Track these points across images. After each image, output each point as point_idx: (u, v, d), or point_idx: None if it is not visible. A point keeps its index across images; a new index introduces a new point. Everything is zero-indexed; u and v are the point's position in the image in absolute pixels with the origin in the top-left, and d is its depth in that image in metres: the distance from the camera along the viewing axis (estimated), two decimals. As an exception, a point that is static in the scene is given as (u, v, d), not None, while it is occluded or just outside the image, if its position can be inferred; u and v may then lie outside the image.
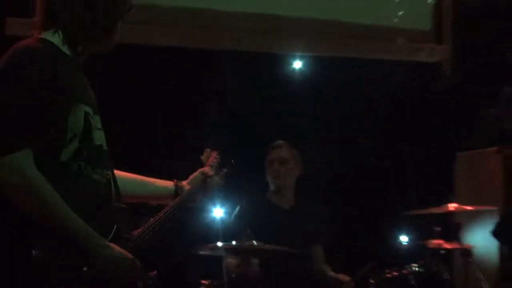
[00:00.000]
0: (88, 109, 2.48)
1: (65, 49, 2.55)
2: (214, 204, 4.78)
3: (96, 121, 2.55)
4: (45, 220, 2.28)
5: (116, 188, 2.68)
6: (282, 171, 4.92)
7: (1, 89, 2.36)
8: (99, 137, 2.57)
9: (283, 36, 5.63)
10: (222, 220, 4.85)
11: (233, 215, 4.58)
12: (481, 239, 5.07)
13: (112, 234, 2.42)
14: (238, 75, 5.43)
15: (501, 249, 3.43)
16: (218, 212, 4.91)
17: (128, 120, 5.09)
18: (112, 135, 2.75)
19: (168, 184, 3.00)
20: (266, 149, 4.99)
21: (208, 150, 3.12)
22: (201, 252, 4.33)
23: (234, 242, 4.22)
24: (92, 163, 2.49)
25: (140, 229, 2.65)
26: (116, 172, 2.85)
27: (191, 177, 3.01)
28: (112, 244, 2.37)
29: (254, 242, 4.21)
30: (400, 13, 5.81)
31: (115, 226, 2.45)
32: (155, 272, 2.95)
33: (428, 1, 5.90)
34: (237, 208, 4.53)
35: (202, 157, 3.11)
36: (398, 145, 5.55)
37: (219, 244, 4.20)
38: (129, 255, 2.41)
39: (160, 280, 3.47)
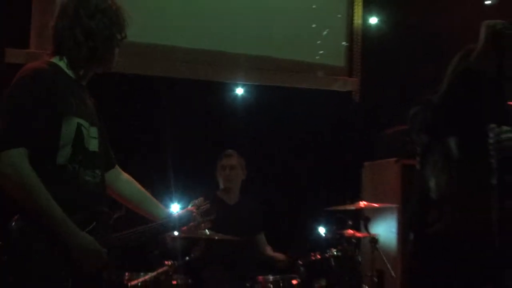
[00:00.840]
0: (82, 121, 2.47)
1: (69, 72, 2.54)
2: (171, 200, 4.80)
3: (92, 132, 2.54)
4: (30, 206, 2.28)
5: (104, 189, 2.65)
6: (231, 175, 4.94)
7: (6, 98, 2.38)
8: (93, 145, 2.53)
9: (228, 68, 5.66)
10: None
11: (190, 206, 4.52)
12: (383, 230, 5.17)
13: (89, 228, 2.39)
14: (190, 99, 5.43)
15: (407, 236, 3.48)
16: (175, 208, 4.88)
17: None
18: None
19: (162, 210, 2.93)
20: (219, 156, 4.98)
21: (201, 198, 3.01)
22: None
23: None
24: (85, 166, 2.46)
25: (120, 233, 2.61)
26: (133, 181, 2.90)
27: (183, 211, 2.94)
28: (85, 235, 2.35)
29: (207, 231, 4.27)
30: (321, 52, 5.89)
31: (94, 223, 2.42)
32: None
33: (342, 43, 5.99)
34: (192, 203, 4.53)
35: (195, 201, 3.00)
36: (320, 156, 5.59)
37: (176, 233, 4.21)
38: (99, 247, 2.38)
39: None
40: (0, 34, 5.00)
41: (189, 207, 2.95)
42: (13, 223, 2.31)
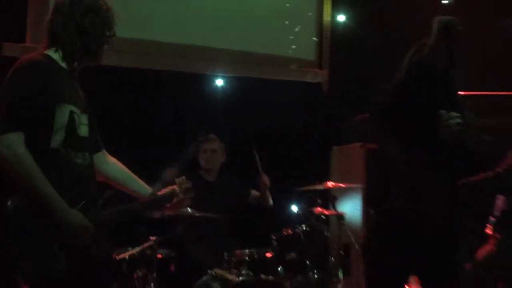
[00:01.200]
0: (74, 108, 2.49)
1: (63, 64, 2.56)
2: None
3: (83, 119, 2.57)
4: (25, 186, 2.30)
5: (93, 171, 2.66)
6: (212, 158, 4.98)
7: (5, 87, 2.42)
8: (84, 131, 2.56)
9: (210, 61, 5.67)
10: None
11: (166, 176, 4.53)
12: (349, 208, 5.22)
13: (79, 206, 2.40)
14: (177, 89, 5.44)
15: (368, 212, 3.51)
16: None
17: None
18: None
19: (147, 189, 2.90)
20: (202, 139, 4.98)
21: (183, 177, 2.96)
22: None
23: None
24: (77, 149, 2.49)
25: (108, 211, 2.62)
26: (118, 163, 2.90)
27: (166, 189, 2.90)
28: (76, 212, 2.37)
29: (188, 209, 4.28)
30: (293, 46, 5.91)
31: (84, 201, 2.43)
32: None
33: (313, 39, 6.00)
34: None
35: (177, 180, 2.94)
36: (293, 141, 5.61)
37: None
38: (87, 223, 2.40)
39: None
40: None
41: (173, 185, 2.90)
42: (10, 202, 2.33)
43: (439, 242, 2.83)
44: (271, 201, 4.91)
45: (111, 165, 2.88)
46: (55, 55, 2.57)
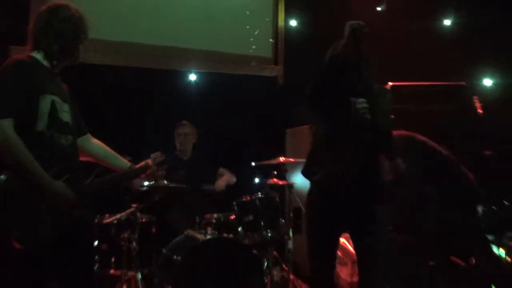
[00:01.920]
0: (55, 98, 2.56)
1: (45, 63, 2.63)
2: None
3: (65, 107, 2.63)
4: (14, 163, 2.35)
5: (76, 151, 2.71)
6: (185, 140, 5.01)
7: None
8: (66, 117, 2.63)
9: (183, 59, 5.68)
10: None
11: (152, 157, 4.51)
12: (298, 179, 5.23)
13: (64, 178, 2.47)
14: (154, 84, 5.46)
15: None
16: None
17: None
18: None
19: (126, 163, 2.94)
20: (176, 125, 5.02)
21: (158, 152, 2.99)
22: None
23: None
24: (60, 132, 2.56)
25: (90, 181, 2.69)
26: (100, 143, 2.96)
27: (140, 164, 2.94)
28: (58, 183, 2.44)
29: (165, 182, 4.29)
30: (253, 46, 5.92)
31: (67, 175, 2.49)
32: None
33: (270, 40, 6.02)
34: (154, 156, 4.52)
35: (152, 155, 2.97)
36: (254, 125, 5.64)
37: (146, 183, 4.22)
38: (68, 191, 2.47)
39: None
40: (5, 33, 4.92)
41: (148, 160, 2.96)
42: (2, 175, 2.38)
43: (359, 204, 2.84)
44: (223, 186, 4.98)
45: (95, 145, 2.92)
46: (38, 56, 2.63)
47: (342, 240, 4.67)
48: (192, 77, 5.73)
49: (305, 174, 3.14)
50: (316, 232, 3.11)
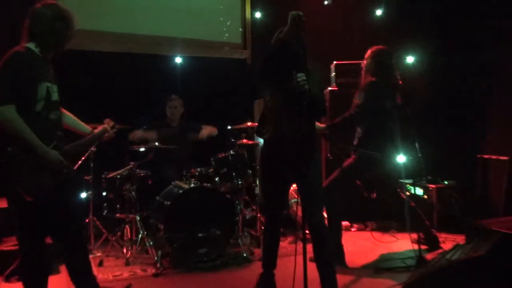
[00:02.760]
0: (49, 84, 2.61)
1: (38, 52, 2.63)
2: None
3: (54, 88, 2.67)
4: (18, 138, 2.46)
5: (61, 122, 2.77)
6: (174, 112, 5.02)
7: None
8: (55, 96, 2.67)
9: (170, 45, 5.61)
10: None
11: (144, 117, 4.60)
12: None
13: (52, 145, 2.57)
14: (147, 65, 5.40)
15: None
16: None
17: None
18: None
19: (88, 128, 3.02)
20: (167, 98, 5.02)
21: (108, 119, 3.05)
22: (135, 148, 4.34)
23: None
24: (51, 110, 2.63)
25: (69, 146, 2.76)
26: (68, 112, 2.98)
27: (99, 127, 2.99)
28: (52, 151, 2.54)
29: (156, 144, 4.35)
30: (226, 35, 5.88)
31: (55, 142, 2.60)
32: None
33: (239, 29, 5.97)
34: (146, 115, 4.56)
35: (105, 120, 3.03)
36: (227, 97, 5.60)
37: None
38: (60, 157, 2.58)
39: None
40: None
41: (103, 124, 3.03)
42: (9, 148, 2.50)
43: (298, 154, 2.86)
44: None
45: (66, 115, 2.94)
46: (32, 47, 2.62)
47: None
48: (178, 60, 5.68)
49: (257, 133, 3.18)
50: (267, 179, 3.19)
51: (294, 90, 2.70)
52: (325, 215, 3.73)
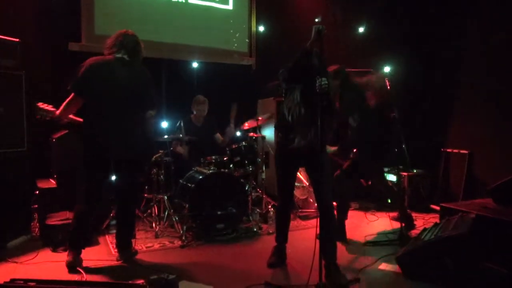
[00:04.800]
0: None
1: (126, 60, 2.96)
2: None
3: None
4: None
5: None
6: (201, 112, 4.75)
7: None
8: None
9: (186, 52, 5.42)
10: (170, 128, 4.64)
11: (177, 125, 4.33)
12: (268, 132, 5.20)
13: None
14: (172, 68, 5.21)
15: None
16: (164, 124, 4.73)
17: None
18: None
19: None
20: (195, 99, 4.76)
21: (37, 104, 3.02)
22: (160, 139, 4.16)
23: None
24: None
25: None
26: None
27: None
28: None
29: (180, 135, 4.20)
30: (235, 45, 5.73)
31: None
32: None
33: (246, 40, 5.82)
34: (179, 122, 4.35)
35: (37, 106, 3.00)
36: (236, 97, 5.36)
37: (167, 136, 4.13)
38: None
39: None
40: (65, 31, 4.62)
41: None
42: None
43: (312, 148, 2.78)
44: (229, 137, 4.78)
45: None
46: (121, 56, 2.95)
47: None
48: (195, 64, 5.49)
49: (277, 127, 3.10)
50: (283, 168, 3.11)
51: (319, 91, 2.60)
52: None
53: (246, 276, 2.88)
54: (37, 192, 3.87)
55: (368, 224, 4.37)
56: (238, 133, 5.11)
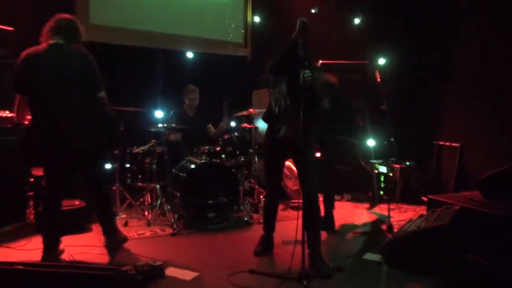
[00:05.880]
0: None
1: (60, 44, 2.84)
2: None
3: None
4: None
5: None
6: (193, 102, 4.77)
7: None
8: None
9: (184, 42, 5.44)
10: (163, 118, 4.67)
11: (170, 115, 4.36)
12: (261, 123, 5.18)
13: None
14: (165, 59, 5.23)
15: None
16: (159, 114, 4.76)
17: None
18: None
19: None
20: (186, 88, 4.79)
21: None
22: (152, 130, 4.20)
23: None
24: None
25: None
26: None
27: None
28: None
29: (173, 125, 4.22)
30: (231, 35, 5.75)
31: None
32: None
33: (242, 31, 5.83)
34: (171, 112, 4.37)
35: None
36: (230, 88, 5.45)
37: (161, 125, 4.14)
38: None
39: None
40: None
41: None
42: None
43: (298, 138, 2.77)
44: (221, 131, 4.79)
45: None
46: (55, 42, 2.82)
47: (289, 163, 4.70)
48: (189, 55, 5.52)
49: (264, 119, 3.12)
50: (270, 159, 3.14)
51: (301, 83, 2.62)
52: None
53: (232, 264, 2.93)
54: (32, 179, 3.92)
55: (358, 215, 4.42)
56: (233, 124, 5.12)
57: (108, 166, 4.22)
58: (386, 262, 2.96)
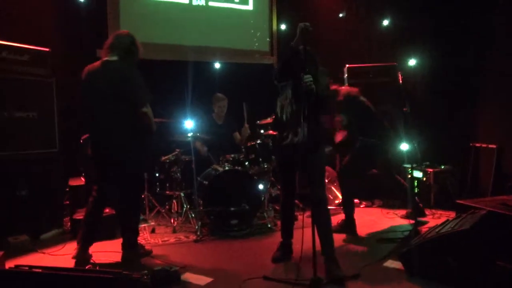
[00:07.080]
0: None
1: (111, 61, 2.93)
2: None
3: None
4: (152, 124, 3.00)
5: None
6: (223, 110, 4.86)
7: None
8: None
9: (212, 54, 5.57)
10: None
11: (198, 123, 4.48)
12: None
13: None
14: (196, 70, 5.32)
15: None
16: (189, 124, 4.86)
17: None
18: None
19: None
20: (214, 97, 4.88)
21: None
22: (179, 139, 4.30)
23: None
24: None
25: None
26: None
27: None
28: None
29: (205, 136, 4.32)
30: (256, 44, 5.82)
31: None
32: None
33: (267, 39, 5.88)
34: (200, 121, 4.46)
35: None
36: (258, 93, 5.38)
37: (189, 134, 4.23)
38: None
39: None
40: (92, 38, 4.86)
41: None
42: None
43: (308, 146, 2.77)
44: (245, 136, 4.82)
45: None
46: (108, 58, 2.96)
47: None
48: (217, 65, 5.64)
49: (273, 127, 3.14)
50: (282, 167, 3.16)
51: (303, 88, 2.62)
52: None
53: (249, 270, 2.94)
54: (68, 189, 4.17)
55: (387, 221, 4.29)
56: (262, 131, 5.13)
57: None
58: (406, 270, 2.85)
